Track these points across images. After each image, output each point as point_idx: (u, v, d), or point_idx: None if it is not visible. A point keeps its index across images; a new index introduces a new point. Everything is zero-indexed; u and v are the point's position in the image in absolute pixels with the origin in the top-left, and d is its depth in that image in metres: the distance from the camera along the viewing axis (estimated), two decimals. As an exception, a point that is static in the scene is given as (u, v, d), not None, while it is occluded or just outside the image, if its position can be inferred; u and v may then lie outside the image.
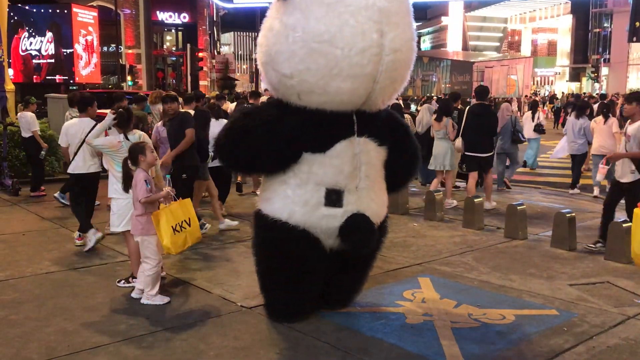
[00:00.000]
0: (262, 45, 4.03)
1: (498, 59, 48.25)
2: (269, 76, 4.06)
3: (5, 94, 11.66)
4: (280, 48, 3.80)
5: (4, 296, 5.00)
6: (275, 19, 3.88)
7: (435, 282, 5.46)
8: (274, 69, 3.94)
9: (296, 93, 3.90)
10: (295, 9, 3.73)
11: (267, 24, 3.95)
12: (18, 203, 9.02)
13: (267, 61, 3.98)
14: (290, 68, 3.79)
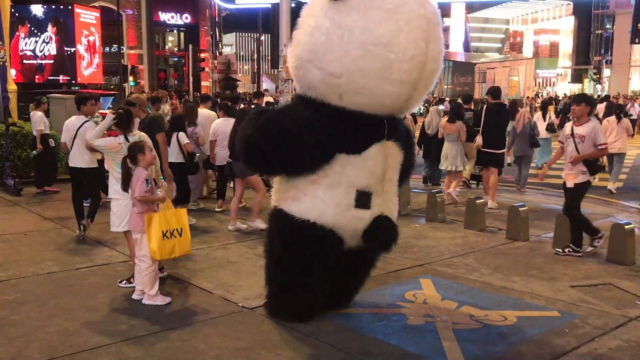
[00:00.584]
0: (303, 43, 3.97)
1: (500, 60, 48.29)
2: (307, 74, 3.98)
3: (8, 94, 11.68)
4: (332, 47, 3.80)
5: (6, 296, 5.00)
6: (324, 18, 3.85)
7: (436, 283, 5.45)
8: (318, 67, 3.89)
9: (339, 93, 3.91)
10: (352, 10, 3.77)
11: (312, 22, 3.90)
12: (20, 203, 9.03)
13: (309, 59, 3.92)
14: (340, 67, 3.81)
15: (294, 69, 4.10)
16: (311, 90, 4.06)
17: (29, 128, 10.91)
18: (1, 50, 11.60)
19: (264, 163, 4.25)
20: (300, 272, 4.28)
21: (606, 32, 49.62)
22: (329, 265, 4.28)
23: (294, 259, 4.26)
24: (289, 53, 4.11)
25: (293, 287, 4.38)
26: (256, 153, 4.13)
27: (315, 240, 4.13)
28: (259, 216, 7.39)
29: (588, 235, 6.46)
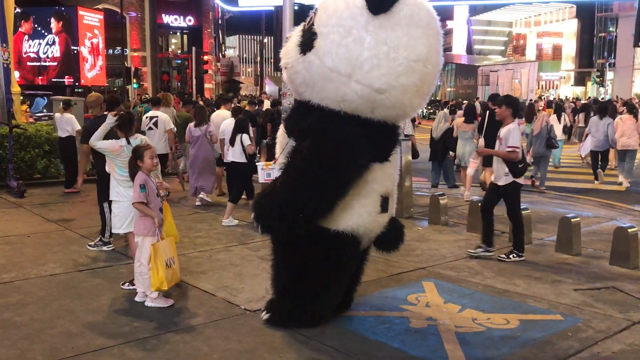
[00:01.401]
0: (336, 54, 3.80)
1: (503, 62, 48.20)
2: (342, 88, 3.83)
3: (12, 96, 11.72)
4: (379, 63, 3.78)
5: (9, 298, 5.02)
6: (364, 32, 3.77)
7: (439, 287, 5.45)
8: (361, 83, 3.81)
9: (374, 107, 3.93)
10: (396, 27, 3.79)
11: (344, 33, 3.76)
12: (23, 205, 9.05)
13: (349, 73, 3.79)
14: (386, 84, 3.83)
15: (321, 79, 3.87)
16: (343, 103, 3.93)
17: (32, 130, 10.96)
18: (5, 53, 11.64)
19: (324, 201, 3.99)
20: (331, 281, 4.31)
21: (609, 35, 49.57)
22: (352, 270, 4.50)
23: (327, 270, 4.24)
24: (305, 61, 3.87)
25: (322, 296, 4.35)
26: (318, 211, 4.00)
27: (348, 249, 4.20)
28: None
29: (483, 242, 6.47)
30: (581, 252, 6.64)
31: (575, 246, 6.62)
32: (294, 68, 4.00)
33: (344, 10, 3.89)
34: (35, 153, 10.77)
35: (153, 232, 4.79)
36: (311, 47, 3.87)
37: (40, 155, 10.86)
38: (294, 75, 4.03)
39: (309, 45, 3.89)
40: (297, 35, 4.08)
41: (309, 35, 3.93)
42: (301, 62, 3.93)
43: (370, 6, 3.77)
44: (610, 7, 47.60)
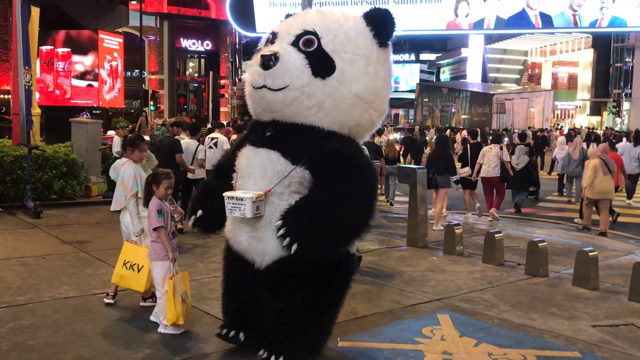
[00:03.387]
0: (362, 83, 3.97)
1: (518, 91, 48.23)
2: (363, 115, 4.06)
3: (32, 117, 11.90)
4: (387, 92, 4.21)
5: (23, 320, 5.02)
6: (378, 63, 4.05)
7: (454, 319, 5.38)
8: (375, 109, 4.13)
9: (371, 130, 4.35)
10: (388, 58, 4.17)
11: (364, 63, 3.97)
12: (39, 225, 9.11)
13: (371, 100, 4.05)
14: (385, 109, 4.27)
15: (346, 105, 3.91)
16: (355, 128, 4.09)
17: (50, 151, 11.10)
18: (27, 75, 11.85)
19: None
20: (341, 301, 4.32)
21: (625, 65, 49.47)
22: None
23: (341, 292, 4.26)
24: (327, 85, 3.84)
25: (335, 317, 4.33)
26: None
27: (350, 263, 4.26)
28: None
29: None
30: (599, 286, 6.54)
31: (592, 280, 6.52)
32: (305, 89, 3.81)
33: (356, 38, 3.99)
34: (53, 174, 10.88)
35: (164, 256, 4.80)
36: (330, 71, 3.86)
37: (57, 176, 10.96)
38: (304, 97, 3.82)
39: (326, 69, 3.86)
40: (298, 55, 3.83)
41: (322, 58, 3.85)
42: (320, 85, 3.83)
43: (380, 39, 4.04)
44: (626, 37, 47.61)
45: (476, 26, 21.53)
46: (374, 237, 9.05)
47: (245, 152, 4.05)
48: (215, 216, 4.12)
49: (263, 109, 4.00)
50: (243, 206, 3.75)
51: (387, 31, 4.05)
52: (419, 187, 8.61)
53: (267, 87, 3.83)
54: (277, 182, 3.80)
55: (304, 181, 3.81)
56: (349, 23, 4.02)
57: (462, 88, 52.65)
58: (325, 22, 3.97)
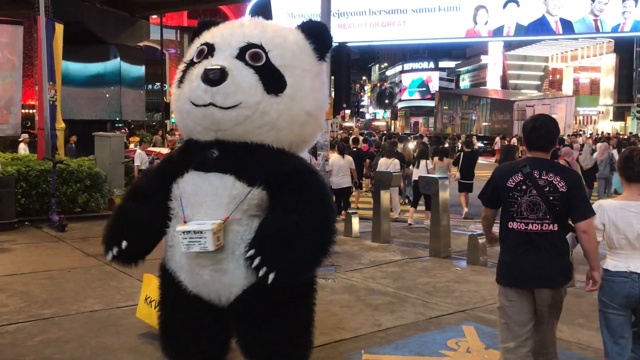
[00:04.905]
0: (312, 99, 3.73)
1: (539, 97, 47.79)
2: (310, 131, 3.86)
3: (56, 132, 12.11)
4: (326, 106, 3.97)
5: (50, 334, 5.08)
6: (323, 77, 3.90)
7: (479, 331, 5.31)
8: (319, 125, 3.91)
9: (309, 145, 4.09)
10: (324, 71, 3.94)
11: (316, 80, 3.79)
12: (64, 239, 9.23)
13: (317, 116, 3.84)
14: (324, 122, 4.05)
15: (295, 123, 3.66)
16: (301, 145, 3.85)
17: (74, 165, 11.27)
18: (52, 90, 12.07)
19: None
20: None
21: (649, 70, 48.74)
22: None
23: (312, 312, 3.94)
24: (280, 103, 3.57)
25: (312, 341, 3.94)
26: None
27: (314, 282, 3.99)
28: None
29: None
30: (627, 296, 6.41)
31: (620, 290, 6.40)
32: (260, 108, 3.51)
33: (300, 51, 3.74)
34: (77, 187, 11.03)
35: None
36: (281, 87, 3.58)
37: (81, 190, 11.12)
38: (256, 116, 3.51)
39: (278, 86, 3.57)
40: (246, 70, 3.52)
41: (272, 73, 3.58)
42: (273, 103, 3.53)
43: (321, 53, 3.80)
44: (649, 41, 46.96)
45: (496, 33, 21.38)
46: (396, 248, 9.01)
47: (189, 178, 3.57)
48: (139, 247, 3.67)
49: (206, 128, 3.55)
50: (203, 239, 3.32)
51: (327, 46, 3.89)
52: (442, 196, 8.56)
53: (216, 105, 3.44)
54: (234, 208, 3.44)
55: (262, 203, 3.46)
56: (290, 37, 3.77)
57: (482, 95, 52.32)
58: (267, 34, 3.69)
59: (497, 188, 3.74)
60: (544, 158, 3.66)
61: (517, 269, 3.71)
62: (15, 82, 14.30)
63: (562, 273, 3.68)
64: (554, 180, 3.55)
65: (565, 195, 3.52)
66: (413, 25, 20.90)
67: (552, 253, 3.61)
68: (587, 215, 3.56)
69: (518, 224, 3.64)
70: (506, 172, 3.72)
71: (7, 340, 4.93)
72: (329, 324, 5.45)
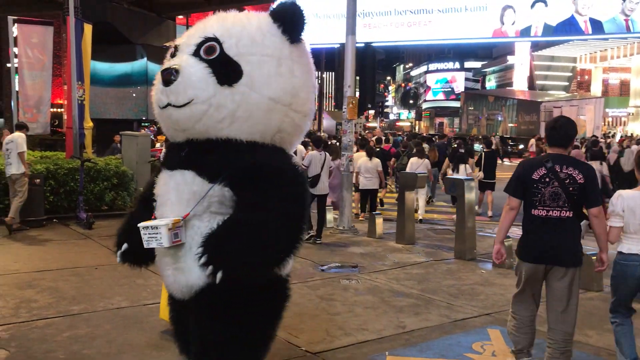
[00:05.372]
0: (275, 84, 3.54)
1: (567, 98, 47.10)
2: (281, 118, 3.60)
3: (84, 131, 12.29)
4: (308, 90, 3.75)
5: (79, 330, 5.16)
6: (290, 61, 3.63)
7: (505, 334, 5.23)
8: (296, 111, 3.65)
9: (299, 135, 3.84)
10: (305, 55, 3.78)
11: (275, 63, 3.57)
12: (91, 236, 9.36)
13: (289, 102, 3.61)
14: (310, 110, 3.81)
15: (261, 111, 3.52)
16: (278, 134, 3.63)
17: (101, 164, 11.43)
18: (80, 90, 12.25)
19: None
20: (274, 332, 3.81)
21: (681, 70, 47.67)
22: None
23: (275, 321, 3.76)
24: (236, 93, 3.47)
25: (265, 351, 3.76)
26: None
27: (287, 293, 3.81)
28: None
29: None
30: (658, 302, 6.28)
31: (651, 296, 6.29)
32: (214, 101, 3.44)
33: (262, 38, 3.60)
34: (104, 185, 11.19)
35: None
36: (237, 77, 3.48)
37: (108, 188, 11.27)
38: (212, 110, 3.43)
39: (234, 76, 3.48)
40: (200, 65, 3.46)
41: (226, 64, 3.49)
42: (228, 94, 3.44)
43: (291, 35, 3.63)
44: (681, 41, 45.93)
45: (523, 34, 21.08)
46: (420, 250, 8.96)
47: (161, 178, 3.64)
48: (142, 249, 3.57)
49: (174, 129, 3.56)
50: (159, 235, 3.29)
51: (296, 26, 3.65)
52: (467, 198, 8.48)
53: (172, 104, 3.44)
54: (194, 204, 3.39)
55: (225, 200, 3.35)
56: (253, 23, 3.64)
57: (508, 96, 51.74)
58: (226, 25, 3.59)
59: (523, 180, 4.20)
60: (564, 153, 4.20)
61: (536, 248, 4.22)
62: (45, 82, 14.58)
63: (574, 254, 4.21)
64: (573, 173, 4.09)
65: (582, 186, 4.07)
66: (439, 25, 20.73)
67: (567, 236, 4.17)
68: (599, 203, 4.15)
69: (540, 211, 4.16)
70: (531, 166, 4.21)
71: (37, 335, 5.02)
72: (352, 325, 5.44)
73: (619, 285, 4.36)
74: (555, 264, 4.18)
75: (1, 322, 5.31)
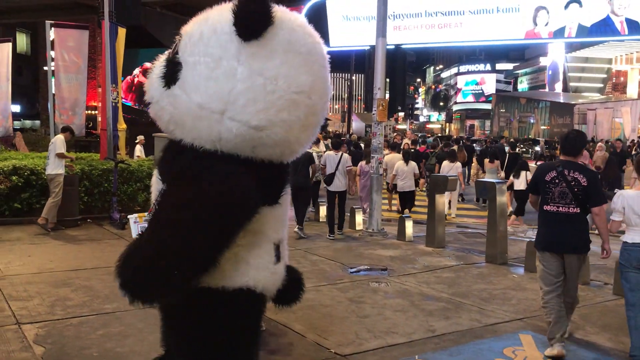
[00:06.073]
0: (205, 89, 3.21)
1: (601, 100, 46.22)
2: (216, 127, 3.20)
3: (118, 132, 12.51)
4: (255, 97, 3.21)
5: (111, 328, 5.26)
6: (235, 62, 3.20)
7: (537, 340, 5.18)
8: (235, 120, 3.19)
9: (254, 146, 3.28)
10: (272, 54, 3.25)
11: (213, 65, 3.22)
12: (124, 236, 9.52)
13: (222, 109, 3.19)
14: (265, 120, 3.22)
15: (191, 117, 3.22)
16: (219, 143, 3.25)
17: (135, 165, 11.62)
18: (114, 92, 12.47)
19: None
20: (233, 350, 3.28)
21: None
22: (259, 334, 3.43)
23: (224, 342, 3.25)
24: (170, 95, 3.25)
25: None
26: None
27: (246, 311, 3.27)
28: None
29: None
30: (697, 309, 6.12)
31: (689, 303, 6.14)
32: (159, 103, 3.29)
33: (210, 36, 3.26)
34: (137, 187, 11.37)
35: None
36: (175, 79, 3.26)
37: (141, 189, 11.45)
38: (159, 111, 3.31)
39: (172, 78, 3.28)
40: (160, 65, 3.38)
41: (172, 65, 3.30)
42: (166, 96, 3.26)
43: (240, 32, 3.15)
44: None
45: (557, 35, 20.74)
46: (451, 253, 8.89)
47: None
48: None
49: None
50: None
51: (247, 19, 3.14)
52: (499, 201, 8.38)
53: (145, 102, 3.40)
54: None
55: None
56: (215, 18, 3.28)
57: (541, 98, 50.99)
58: (193, 22, 3.34)
59: (537, 181, 5.13)
60: (573, 160, 5.05)
61: (549, 239, 5.08)
62: (81, 84, 14.88)
63: (582, 243, 5.01)
64: (578, 177, 4.94)
65: (586, 188, 4.89)
66: (470, 27, 20.54)
67: (575, 228, 4.98)
68: (600, 203, 4.93)
69: (551, 207, 5.02)
70: (545, 170, 5.14)
71: (72, 333, 5.13)
72: (382, 328, 5.43)
73: (627, 271, 4.83)
74: (564, 251, 5.00)
75: (37, 320, 5.45)
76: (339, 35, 22.48)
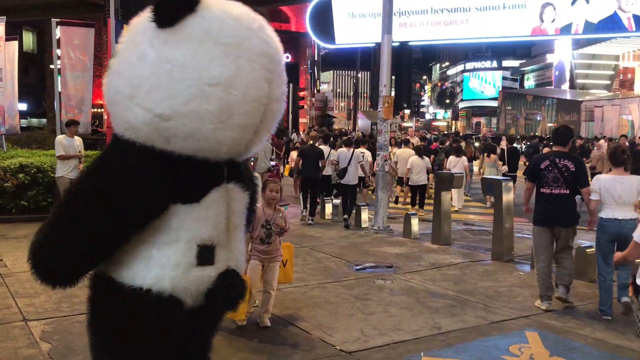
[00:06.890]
0: (123, 74, 3.16)
1: (608, 97, 45.99)
2: (127, 113, 3.16)
3: (124, 130, 12.53)
4: (159, 83, 3.12)
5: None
6: (148, 47, 3.14)
7: (544, 337, 5.15)
8: (142, 106, 3.13)
9: (166, 136, 3.20)
10: (183, 42, 3.15)
11: (134, 50, 3.18)
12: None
13: (131, 95, 3.14)
14: (170, 109, 3.13)
15: (109, 104, 3.26)
16: (130, 131, 3.20)
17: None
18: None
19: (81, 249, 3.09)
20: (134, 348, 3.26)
21: None
22: (170, 336, 3.30)
23: (127, 338, 3.24)
24: (105, 84, 3.25)
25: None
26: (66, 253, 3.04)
27: (153, 309, 3.19)
28: None
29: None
30: None
31: (697, 300, 6.13)
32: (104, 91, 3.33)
33: (137, 22, 3.24)
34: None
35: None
36: (110, 65, 3.27)
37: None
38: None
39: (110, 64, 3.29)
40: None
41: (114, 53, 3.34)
42: (105, 83, 3.27)
43: (155, 18, 3.10)
44: None
45: (563, 31, 20.65)
46: (456, 251, 8.87)
47: None
48: None
49: None
50: None
51: (161, 8, 3.08)
52: (505, 199, 8.35)
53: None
54: None
55: None
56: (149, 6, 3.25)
57: (548, 95, 50.77)
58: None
59: (534, 169, 6.21)
60: (563, 150, 6.14)
61: (544, 216, 6.11)
62: (87, 82, 14.92)
63: (570, 217, 6.06)
64: (567, 164, 6.02)
65: (574, 173, 6.00)
66: (476, 24, 20.47)
67: (566, 206, 6.05)
68: (587, 184, 6.03)
69: (545, 190, 6.07)
70: (539, 160, 6.23)
71: (78, 330, 5.14)
72: (387, 325, 5.42)
73: (600, 240, 5.83)
74: (556, 225, 6.07)
75: (44, 316, 5.47)
76: (345, 33, 22.45)
